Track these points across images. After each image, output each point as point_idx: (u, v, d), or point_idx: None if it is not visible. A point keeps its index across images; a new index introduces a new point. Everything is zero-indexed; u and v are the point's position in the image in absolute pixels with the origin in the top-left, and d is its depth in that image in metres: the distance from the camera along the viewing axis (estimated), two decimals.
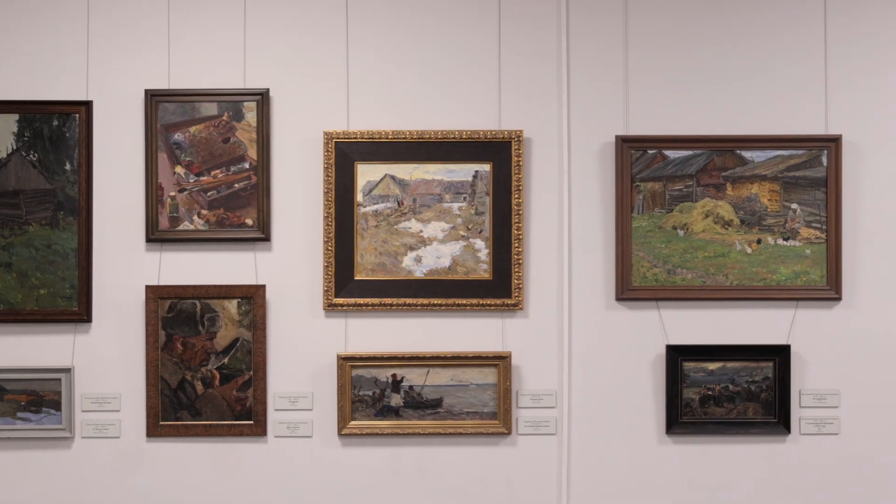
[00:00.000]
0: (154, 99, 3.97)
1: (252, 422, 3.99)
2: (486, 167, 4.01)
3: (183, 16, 4.01)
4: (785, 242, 4.00)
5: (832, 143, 3.97)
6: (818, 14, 4.03)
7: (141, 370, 3.97)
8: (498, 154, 4.00)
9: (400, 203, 4.02)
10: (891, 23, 4.04)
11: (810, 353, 4.01)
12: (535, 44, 4.03)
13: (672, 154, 4.00)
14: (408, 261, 4.01)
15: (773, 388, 3.98)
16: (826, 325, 4.00)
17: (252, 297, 3.98)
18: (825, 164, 3.98)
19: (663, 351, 3.99)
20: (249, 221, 3.99)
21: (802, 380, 4.01)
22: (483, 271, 4.01)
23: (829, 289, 3.98)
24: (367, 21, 4.02)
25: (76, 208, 3.95)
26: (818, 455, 4.02)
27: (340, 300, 3.99)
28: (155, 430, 3.98)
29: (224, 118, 3.99)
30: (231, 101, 3.99)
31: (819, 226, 3.99)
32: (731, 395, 4.00)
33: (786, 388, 3.98)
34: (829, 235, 3.98)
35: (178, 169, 3.99)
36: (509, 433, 3.99)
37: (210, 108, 3.99)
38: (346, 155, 3.99)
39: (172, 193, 3.98)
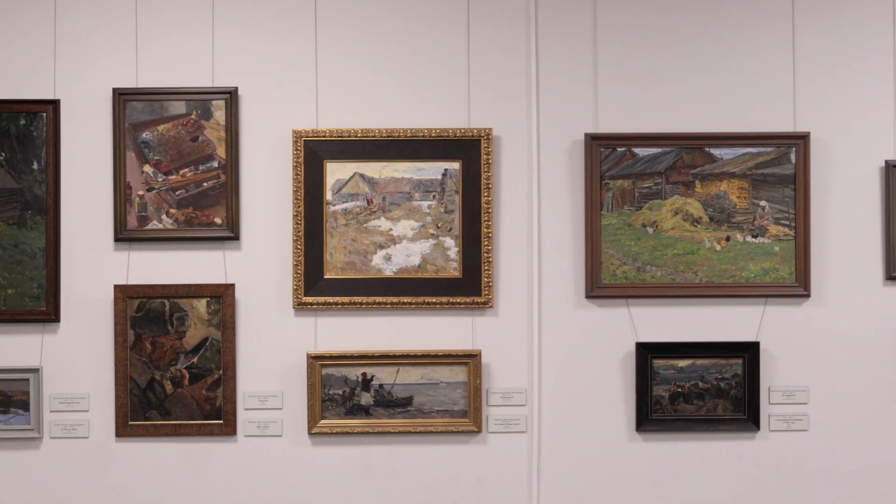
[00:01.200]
0: (122, 98, 3.95)
1: (222, 421, 3.98)
2: (455, 165, 4.00)
3: (151, 15, 3.99)
4: (754, 239, 4.01)
5: (800, 141, 3.98)
6: (786, 11, 4.04)
7: (110, 370, 3.96)
8: (467, 152, 3.99)
9: (369, 201, 4.01)
10: (858, 20, 4.05)
11: (779, 349, 4.02)
12: (505, 42, 4.03)
13: (641, 152, 4.00)
14: (377, 259, 4.01)
15: (743, 385, 3.99)
16: (795, 322, 4.02)
17: (221, 297, 3.97)
18: (793, 161, 3.99)
19: (633, 348, 4.00)
20: (218, 220, 3.98)
21: (771, 376, 4.02)
22: (453, 269, 4.01)
23: (797, 286, 3.99)
24: (336, 20, 4.02)
25: (44, 207, 3.93)
26: (788, 451, 4.03)
27: (310, 299, 3.98)
28: (124, 430, 3.96)
29: (192, 117, 3.98)
30: (199, 99, 3.97)
31: (788, 223, 4.00)
32: (700, 393, 4.01)
33: (755, 385, 3.98)
34: (798, 232, 3.99)
35: (147, 168, 3.97)
36: (479, 431, 3.99)
37: (178, 107, 3.98)
38: (315, 153, 3.98)
39: (141, 192, 3.97)
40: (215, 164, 3.99)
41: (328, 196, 3.99)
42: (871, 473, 4.03)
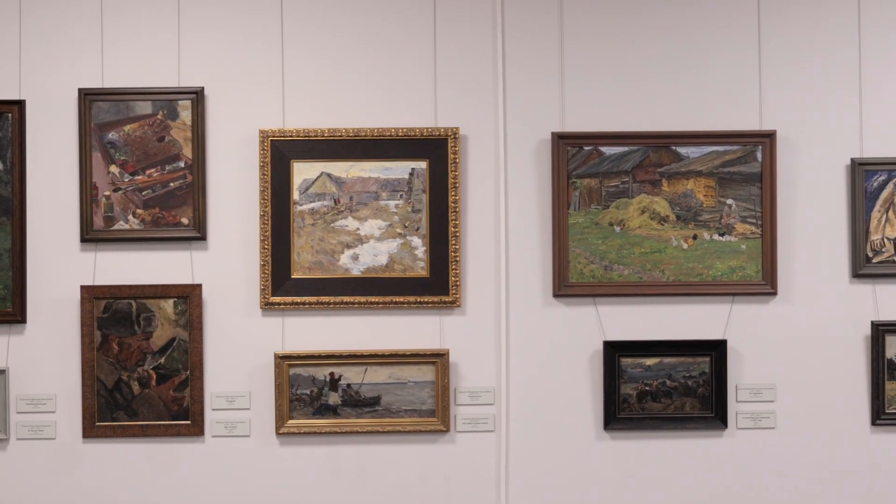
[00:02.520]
0: (88, 98, 3.94)
1: (189, 422, 3.97)
2: (422, 164, 4.00)
3: (116, 15, 3.98)
4: (720, 238, 4.01)
5: (766, 139, 3.99)
6: (751, 9, 4.05)
7: (76, 371, 3.95)
8: (434, 151, 3.99)
9: (336, 201, 4.01)
10: (822, 18, 4.06)
11: (746, 347, 4.03)
12: (471, 41, 4.03)
13: (608, 150, 4.01)
14: (345, 259, 4.00)
15: (710, 383, 4.00)
16: (762, 320, 4.03)
17: (188, 297, 3.96)
18: (760, 159, 4.00)
19: (601, 347, 4.00)
20: (185, 220, 3.97)
21: (739, 374, 4.03)
22: (420, 269, 4.01)
23: (764, 284, 4.00)
24: (302, 20, 4.01)
25: (9, 208, 3.92)
26: (755, 449, 4.04)
27: (277, 299, 3.97)
28: (91, 430, 3.95)
29: (159, 117, 3.97)
30: (165, 99, 3.97)
31: (754, 221, 4.01)
32: (668, 391, 4.01)
33: (722, 383, 3.99)
34: (765, 231, 4.00)
35: (113, 168, 3.96)
36: (447, 430, 3.99)
37: (144, 107, 3.97)
38: (281, 153, 3.98)
39: (107, 193, 3.96)
40: (182, 164, 3.98)
41: (295, 196, 3.99)
42: (838, 470, 4.04)
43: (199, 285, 3.96)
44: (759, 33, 4.04)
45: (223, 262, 3.99)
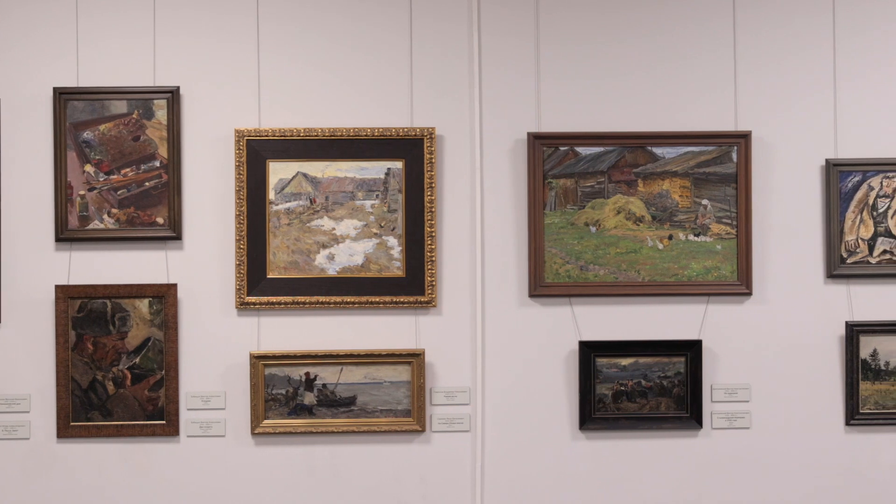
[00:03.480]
0: (63, 97, 3.93)
1: (164, 422, 3.96)
2: (398, 164, 4.00)
3: (92, 14, 3.97)
4: (696, 238, 4.02)
5: (742, 140, 4.00)
6: (727, 9, 4.06)
7: (51, 371, 3.94)
8: (410, 151, 3.99)
9: (312, 201, 4.00)
10: (797, 19, 4.07)
11: (721, 347, 4.03)
12: (447, 40, 4.03)
13: (584, 151, 4.01)
14: (320, 259, 4.00)
15: (685, 383, 4.01)
16: (737, 320, 4.03)
17: (163, 297, 3.95)
18: (735, 160, 4.01)
19: (576, 347, 4.00)
20: (160, 220, 3.96)
21: (714, 374, 4.04)
22: (396, 269, 4.01)
23: (739, 284, 4.01)
24: (278, 19, 4.01)
25: None
26: (730, 449, 4.04)
27: (253, 299, 3.97)
28: (66, 430, 3.94)
29: (134, 116, 3.96)
30: (141, 98, 3.96)
31: (729, 221, 4.01)
32: (643, 391, 4.02)
33: (697, 383, 4.00)
34: (740, 231, 4.01)
35: (88, 167, 3.95)
36: (423, 431, 3.99)
37: (120, 106, 3.96)
38: (257, 153, 3.97)
39: (82, 192, 3.95)
40: (157, 164, 3.97)
41: (271, 195, 3.98)
42: (812, 470, 4.05)
43: (175, 285, 3.95)
44: (734, 34, 4.05)
45: (198, 262, 3.98)
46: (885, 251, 4.03)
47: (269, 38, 4.00)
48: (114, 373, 3.95)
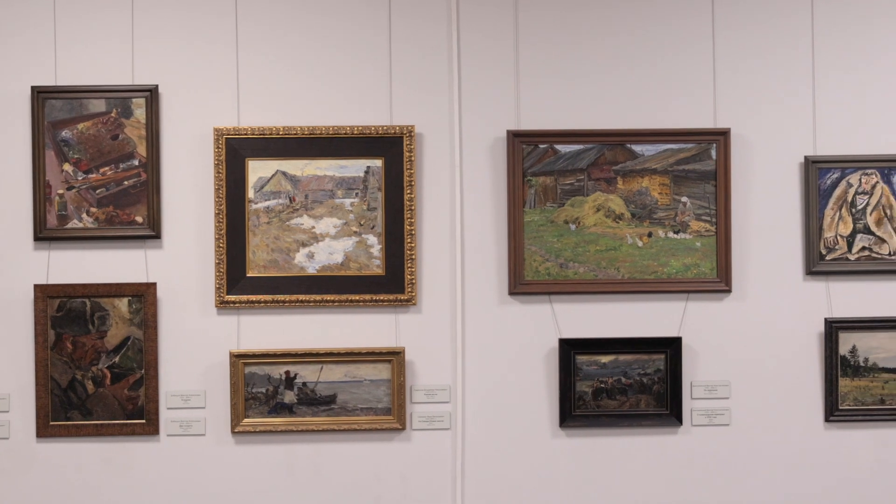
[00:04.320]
0: (41, 96, 3.92)
1: (144, 421, 3.96)
2: (377, 163, 4.00)
3: (70, 13, 3.96)
4: (675, 235, 4.03)
5: (721, 137, 4.00)
6: (706, 7, 4.06)
7: (30, 370, 3.93)
8: (390, 149, 3.99)
9: (291, 199, 4.00)
10: (775, 16, 4.07)
11: (701, 345, 4.04)
12: (426, 38, 4.03)
13: (563, 148, 4.01)
14: (300, 257, 4.00)
15: (665, 381, 4.01)
16: (716, 317, 4.04)
17: (143, 295, 3.94)
18: (714, 157, 4.01)
19: (556, 345, 4.01)
20: (139, 219, 3.96)
21: (693, 372, 4.04)
22: (376, 267, 4.00)
23: (718, 281, 4.01)
24: (257, 18, 4.00)
25: None
26: (709, 446, 4.05)
27: (232, 297, 3.96)
28: (45, 430, 3.93)
29: (112, 115, 3.95)
30: (119, 97, 3.95)
31: (709, 219, 4.02)
32: (623, 388, 4.02)
33: (677, 380, 4.01)
34: (719, 228, 4.01)
35: (66, 166, 3.94)
36: (403, 429, 3.99)
37: (98, 105, 3.95)
38: (236, 151, 3.96)
39: (60, 191, 3.94)
40: (136, 163, 3.96)
41: (250, 194, 3.98)
42: (792, 466, 4.06)
43: (154, 284, 3.94)
44: (713, 31, 4.06)
45: (178, 261, 3.97)
46: (863, 248, 4.04)
47: (247, 36, 4.00)
48: (93, 372, 3.94)
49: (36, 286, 3.91)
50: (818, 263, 4.03)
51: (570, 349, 4.00)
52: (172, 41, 3.98)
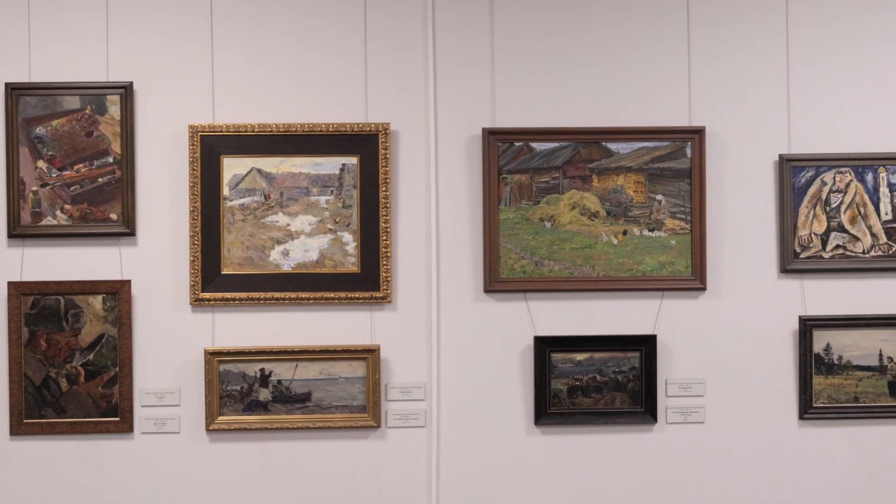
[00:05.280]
0: (14, 92, 3.90)
1: (118, 418, 3.95)
2: (353, 160, 4.00)
3: (45, 9, 3.94)
4: (650, 233, 4.03)
5: (696, 135, 4.01)
6: (681, 5, 4.06)
7: (3, 368, 3.91)
8: (365, 147, 3.99)
9: (267, 196, 3.99)
10: (750, 14, 4.08)
11: (676, 342, 4.05)
12: (402, 36, 4.03)
13: (539, 146, 4.02)
14: (275, 254, 3.99)
15: (640, 378, 4.02)
16: (691, 315, 4.05)
17: (117, 293, 3.93)
18: (689, 155, 4.02)
19: (531, 342, 4.01)
20: (114, 216, 3.95)
21: (668, 369, 4.05)
22: (351, 264, 4.00)
23: (693, 279, 4.02)
24: (232, 15, 3.99)
25: None
26: (684, 443, 4.06)
27: (207, 295, 3.95)
28: (18, 428, 3.92)
29: (87, 112, 3.94)
30: (94, 94, 3.94)
31: (684, 217, 4.03)
32: (598, 386, 4.03)
33: (652, 378, 4.01)
34: (694, 226, 4.02)
35: (40, 163, 3.93)
36: (378, 426, 3.99)
37: (72, 102, 3.94)
38: (211, 148, 3.96)
39: (34, 188, 3.93)
40: (110, 160, 3.95)
41: (225, 191, 3.97)
42: (766, 464, 4.07)
43: (128, 281, 3.93)
44: (688, 29, 4.06)
45: (152, 258, 3.96)
46: (837, 246, 4.05)
47: (222, 33, 3.99)
48: (67, 370, 3.93)
49: (9, 283, 3.89)
50: (792, 261, 4.03)
51: (546, 347, 4.00)
52: (147, 38, 3.97)
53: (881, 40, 4.10)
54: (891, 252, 4.05)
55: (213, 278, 3.96)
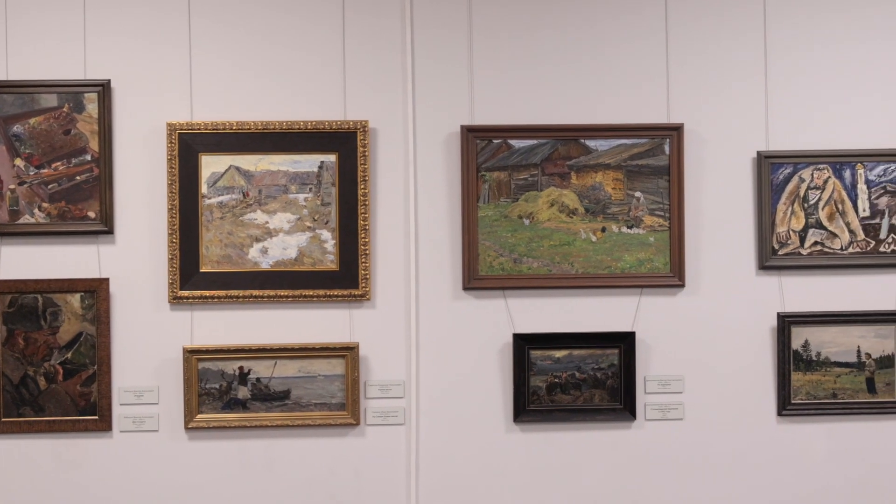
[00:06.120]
0: None
1: (97, 417, 3.94)
2: (331, 158, 3.99)
3: (21, 6, 3.93)
4: (629, 230, 4.03)
5: (674, 132, 4.01)
6: (659, 2, 4.07)
7: None
8: (343, 144, 3.98)
9: (245, 194, 3.99)
10: (727, 11, 4.09)
11: (655, 339, 4.05)
12: (380, 33, 4.03)
13: (517, 143, 4.02)
14: (254, 252, 3.99)
15: (619, 375, 4.02)
16: (670, 312, 4.05)
17: (95, 291, 3.93)
18: (667, 152, 4.02)
19: (510, 340, 4.01)
20: (92, 214, 3.94)
21: (647, 366, 4.05)
22: (330, 262, 4.00)
23: (672, 276, 4.03)
24: (210, 12, 3.99)
25: None
26: (663, 440, 4.06)
27: (186, 293, 3.95)
28: None
29: (64, 110, 3.93)
30: (71, 92, 3.93)
31: (662, 214, 4.03)
32: (577, 383, 4.03)
33: (631, 375, 4.01)
34: (672, 223, 4.02)
35: (18, 161, 3.92)
36: (358, 424, 3.98)
37: (50, 100, 3.93)
38: (189, 146, 3.95)
39: (12, 186, 3.92)
40: (88, 158, 3.94)
41: (203, 189, 3.97)
42: (745, 460, 4.07)
43: (107, 279, 3.93)
44: (666, 26, 4.06)
45: (131, 256, 3.96)
46: (816, 242, 4.06)
47: (200, 31, 3.98)
48: (45, 368, 3.92)
49: None
50: (771, 258, 4.04)
51: (524, 344, 4.00)
52: (125, 36, 3.96)
53: (859, 37, 4.11)
54: (868, 248, 4.06)
55: (191, 276, 3.96)
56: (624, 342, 4.01)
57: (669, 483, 4.06)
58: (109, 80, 3.93)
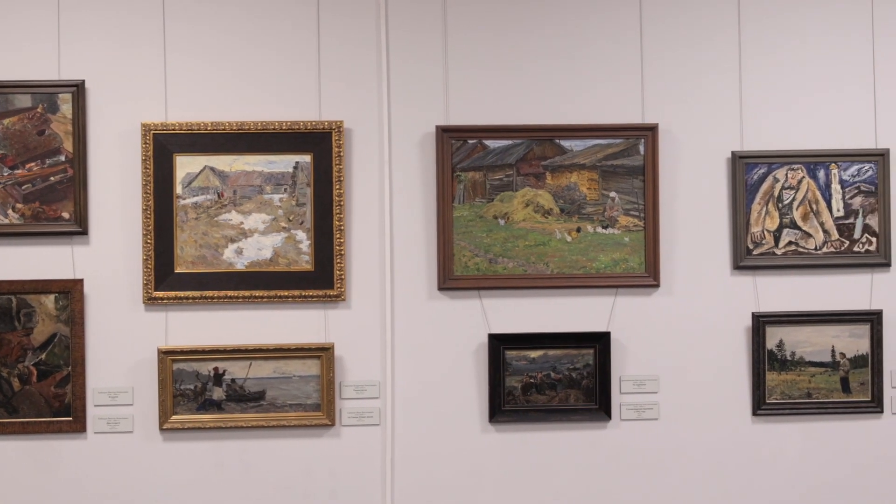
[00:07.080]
0: None
1: (71, 418, 3.93)
2: (306, 158, 3.99)
3: None
4: (604, 230, 4.04)
5: (649, 132, 4.02)
6: (633, 2, 4.07)
7: None
8: (318, 145, 3.98)
9: (220, 195, 3.98)
10: (702, 11, 4.10)
11: (630, 339, 4.05)
12: (355, 33, 4.02)
13: (492, 144, 4.02)
14: (228, 253, 3.98)
15: (594, 375, 4.02)
16: (645, 312, 4.06)
17: (70, 292, 3.92)
18: (642, 152, 4.03)
19: (486, 340, 4.01)
20: (66, 215, 3.93)
21: (622, 366, 4.06)
22: (305, 263, 3.99)
23: (647, 276, 4.03)
24: (185, 13, 3.98)
25: None
26: (638, 440, 4.07)
27: (160, 293, 3.94)
28: None
29: (38, 110, 3.92)
30: (45, 92, 3.92)
31: (637, 214, 4.04)
32: (552, 383, 4.03)
33: (606, 375, 4.02)
34: (647, 223, 4.03)
35: None
36: (333, 425, 3.98)
37: (24, 100, 3.92)
38: (164, 147, 3.94)
39: None
40: (62, 158, 3.94)
41: (178, 190, 3.96)
42: (720, 460, 4.08)
43: (81, 280, 3.92)
44: (640, 25, 4.07)
45: (105, 257, 3.95)
46: (790, 242, 4.07)
47: (175, 31, 3.98)
48: (19, 369, 3.91)
49: None
50: (745, 258, 4.05)
51: (500, 344, 4.00)
52: (99, 37, 3.96)
53: (833, 38, 4.12)
54: (843, 248, 4.07)
55: (166, 277, 3.95)
56: (599, 342, 4.02)
57: (645, 483, 4.07)
58: (84, 81, 3.92)
